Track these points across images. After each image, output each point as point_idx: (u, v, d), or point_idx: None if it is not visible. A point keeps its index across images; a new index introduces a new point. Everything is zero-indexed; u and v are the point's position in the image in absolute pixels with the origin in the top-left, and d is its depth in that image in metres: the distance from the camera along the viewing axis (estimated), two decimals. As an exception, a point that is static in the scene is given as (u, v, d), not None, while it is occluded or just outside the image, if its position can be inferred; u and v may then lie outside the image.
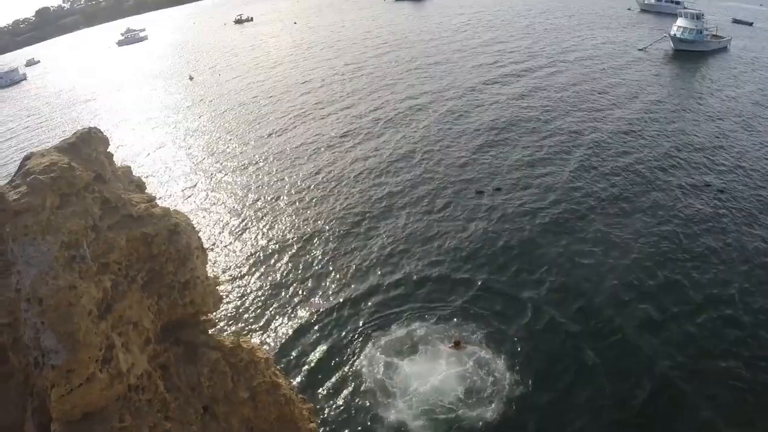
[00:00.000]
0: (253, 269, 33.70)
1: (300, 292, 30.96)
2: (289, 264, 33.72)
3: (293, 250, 35.10)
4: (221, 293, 14.65)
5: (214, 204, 43.51)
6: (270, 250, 35.51)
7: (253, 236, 37.59)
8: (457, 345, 24.83)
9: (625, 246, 32.40)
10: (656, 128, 50.99)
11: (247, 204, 42.48)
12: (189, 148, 58.30)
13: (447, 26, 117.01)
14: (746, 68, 74.14)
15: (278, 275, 32.78)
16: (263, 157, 51.88)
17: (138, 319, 10.94)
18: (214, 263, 34.09)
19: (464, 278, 30.44)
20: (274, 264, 33.96)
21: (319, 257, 34.09)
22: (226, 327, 28.04)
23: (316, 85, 78.41)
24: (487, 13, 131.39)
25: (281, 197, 42.78)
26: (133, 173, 13.15)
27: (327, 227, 37.38)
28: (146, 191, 13.09)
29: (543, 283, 29.53)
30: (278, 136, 57.83)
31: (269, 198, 42.96)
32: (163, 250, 11.76)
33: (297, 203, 41.41)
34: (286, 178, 46.16)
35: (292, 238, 36.57)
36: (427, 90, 68.39)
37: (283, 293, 31.01)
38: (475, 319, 26.95)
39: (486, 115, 56.43)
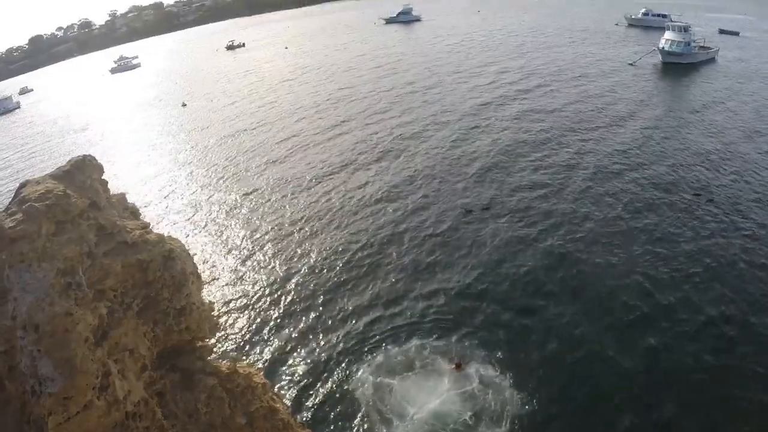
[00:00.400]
0: (251, 295, 33.53)
1: (298, 317, 30.76)
2: (288, 290, 33.53)
3: (291, 278, 34.88)
4: (217, 319, 14.61)
5: (210, 232, 43.42)
6: (267, 276, 35.39)
7: (252, 262, 37.44)
8: (458, 367, 24.75)
9: (627, 267, 32.09)
10: (650, 145, 51.21)
11: (246, 232, 42.34)
12: (184, 176, 58.31)
13: (440, 47, 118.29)
14: (735, 78, 75.09)
15: (276, 301, 32.60)
16: (260, 185, 51.72)
17: (134, 345, 10.92)
18: (210, 289, 33.94)
19: (468, 302, 30.23)
20: (272, 289, 33.79)
21: (318, 283, 33.86)
22: (222, 353, 27.81)
23: (311, 111, 78.37)
24: (478, 33, 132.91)
25: (279, 225, 42.57)
26: (128, 200, 13.22)
27: (326, 254, 37.18)
28: (141, 218, 13.14)
29: (547, 308, 29.25)
30: (274, 163, 57.70)
31: (267, 226, 42.75)
32: (158, 276, 11.78)
33: (295, 231, 41.12)
34: (286, 206, 45.93)
35: (290, 265, 36.41)
36: (424, 114, 68.54)
37: (280, 318, 30.82)
38: (479, 341, 26.80)
39: (482, 139, 56.56)
